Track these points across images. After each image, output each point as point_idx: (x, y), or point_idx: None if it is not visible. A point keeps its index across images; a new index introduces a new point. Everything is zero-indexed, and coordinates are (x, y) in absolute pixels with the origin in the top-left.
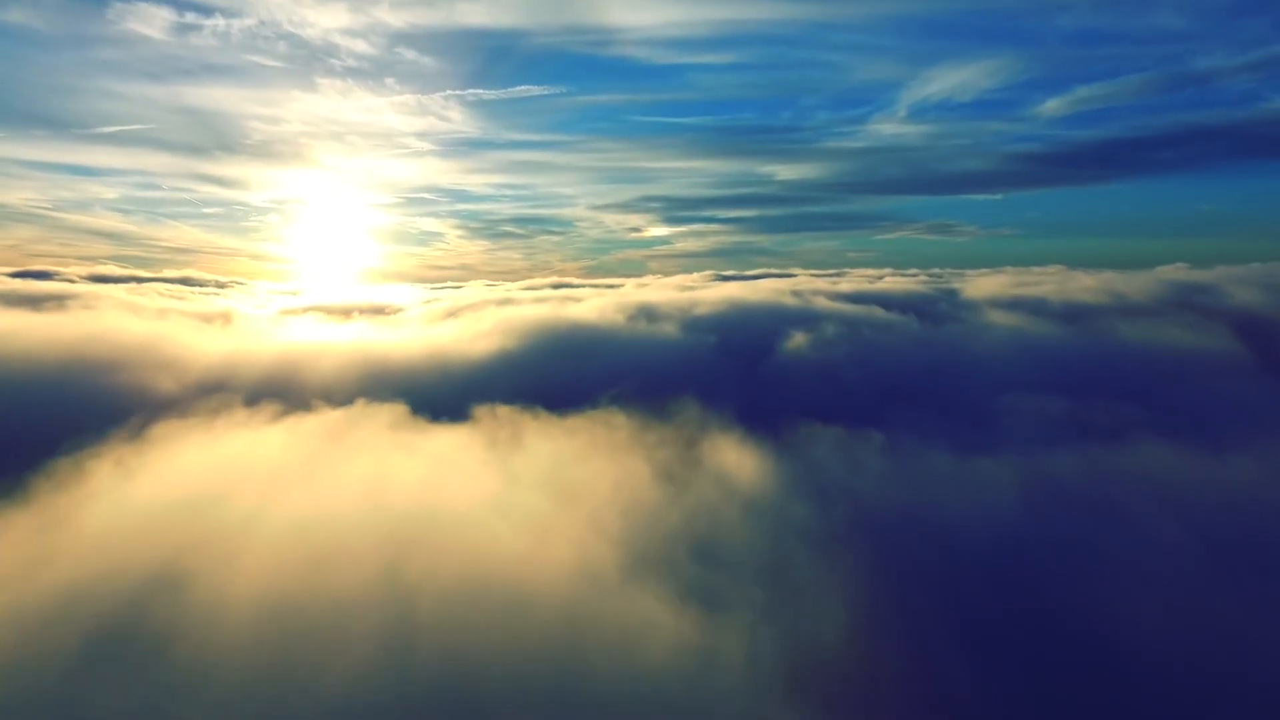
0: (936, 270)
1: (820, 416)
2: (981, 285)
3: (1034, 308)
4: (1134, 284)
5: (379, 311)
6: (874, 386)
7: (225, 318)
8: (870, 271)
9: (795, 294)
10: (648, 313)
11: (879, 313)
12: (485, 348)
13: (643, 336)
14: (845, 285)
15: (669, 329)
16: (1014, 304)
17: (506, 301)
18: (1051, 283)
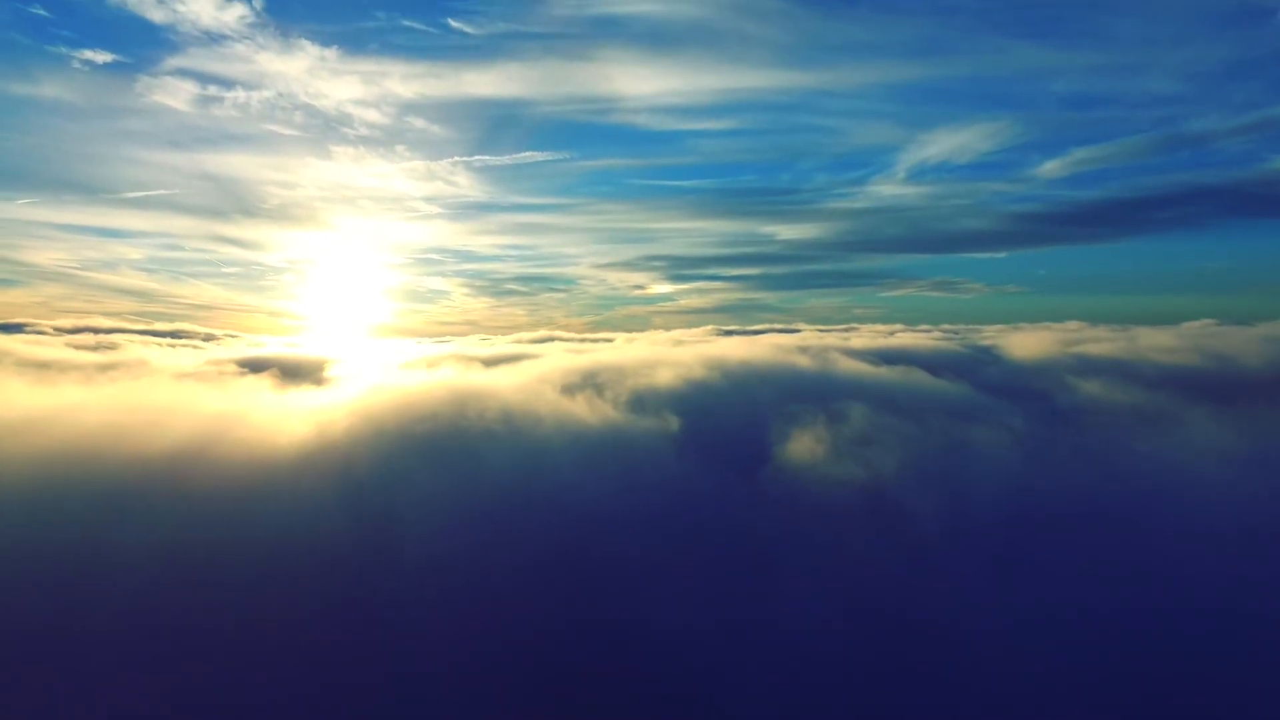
0: (949, 326)
1: None
2: (1023, 343)
3: (1131, 374)
4: (1230, 342)
5: (311, 369)
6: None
7: (112, 369)
8: (880, 327)
9: (804, 350)
10: (591, 381)
11: (923, 378)
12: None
13: (542, 428)
14: (858, 341)
15: (602, 412)
16: (1093, 368)
17: (462, 358)
18: (1108, 340)
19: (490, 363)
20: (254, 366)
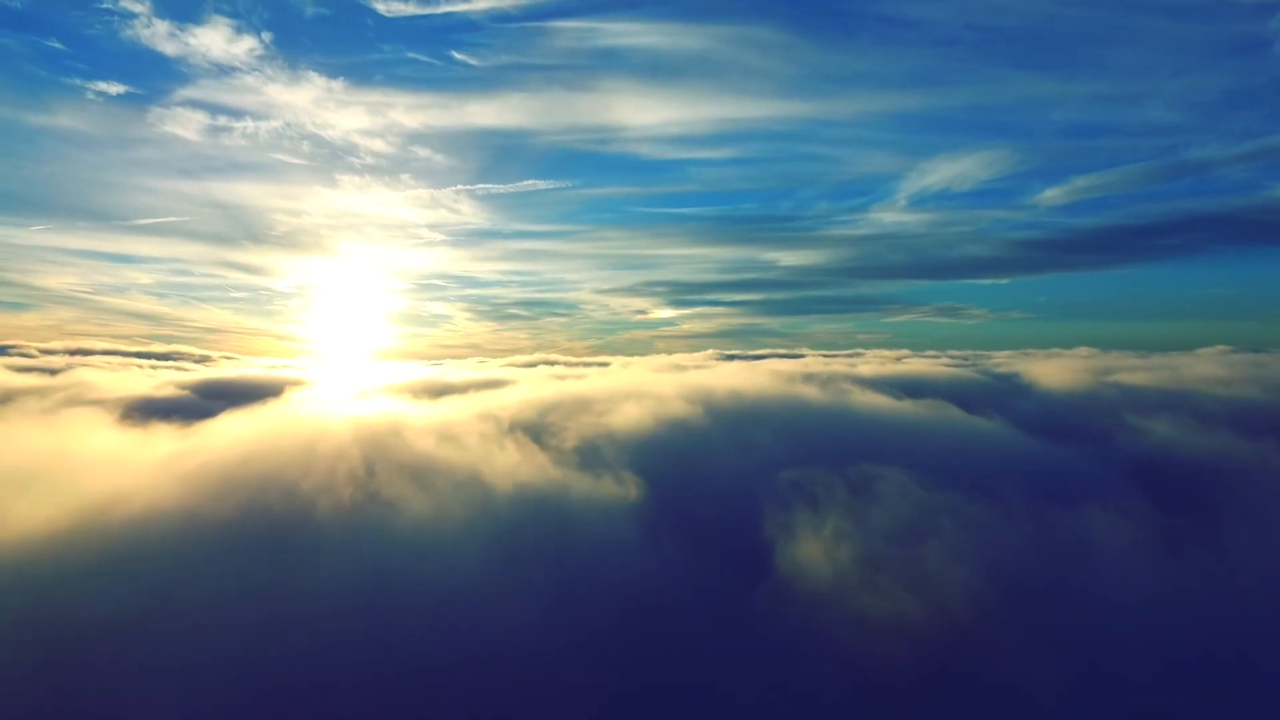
0: (956, 351)
1: None
2: (1049, 371)
3: (1196, 410)
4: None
5: (254, 394)
6: None
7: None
8: (886, 352)
9: (810, 378)
10: (545, 420)
11: (957, 417)
12: None
13: (434, 498)
14: (867, 368)
15: (539, 469)
16: (1144, 401)
17: (427, 387)
18: (1143, 369)
19: (457, 390)
20: (206, 391)
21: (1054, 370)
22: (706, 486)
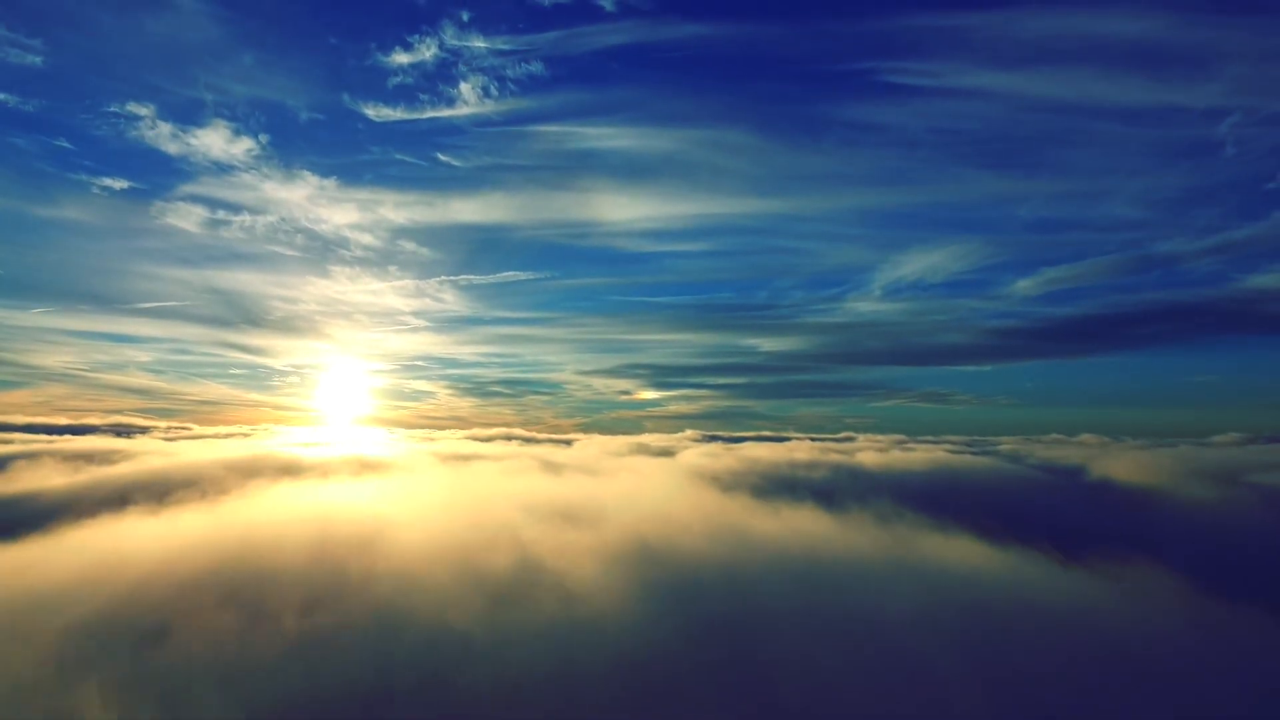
0: (954, 437)
1: None
2: (1125, 468)
3: None
4: None
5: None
6: None
7: None
8: (879, 437)
9: (797, 481)
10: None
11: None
12: None
13: None
14: (866, 457)
15: None
16: None
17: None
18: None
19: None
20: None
21: (1133, 467)
22: None
